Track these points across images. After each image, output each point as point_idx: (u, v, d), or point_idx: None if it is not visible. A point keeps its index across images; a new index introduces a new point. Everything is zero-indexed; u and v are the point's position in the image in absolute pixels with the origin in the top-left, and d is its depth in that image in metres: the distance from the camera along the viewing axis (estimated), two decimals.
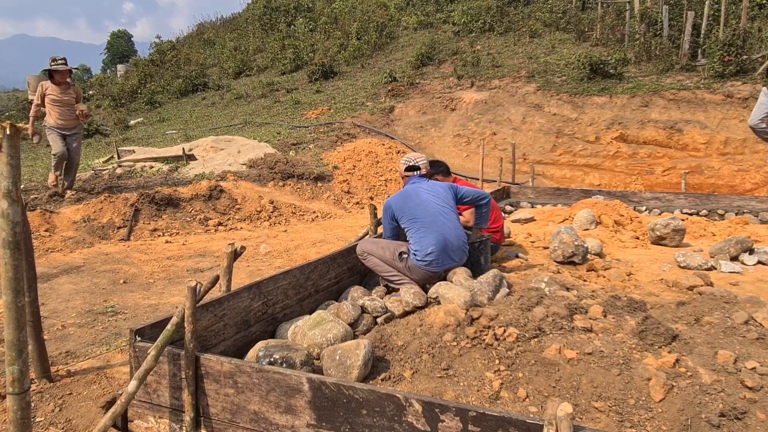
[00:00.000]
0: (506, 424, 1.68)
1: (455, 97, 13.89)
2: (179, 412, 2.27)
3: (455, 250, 3.57)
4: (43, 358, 2.69)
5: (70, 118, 7.08)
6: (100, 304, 4.05)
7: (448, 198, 3.77)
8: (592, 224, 5.96)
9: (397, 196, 3.81)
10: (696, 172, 10.56)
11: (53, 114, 6.96)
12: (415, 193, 3.74)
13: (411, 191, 3.77)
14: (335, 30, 21.79)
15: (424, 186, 3.81)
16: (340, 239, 6.33)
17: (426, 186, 3.82)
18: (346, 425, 1.95)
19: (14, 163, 1.75)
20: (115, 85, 23.64)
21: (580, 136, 11.84)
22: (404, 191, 3.82)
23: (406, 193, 3.78)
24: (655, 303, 3.33)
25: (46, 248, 5.80)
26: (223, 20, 30.67)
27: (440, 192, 3.78)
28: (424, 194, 3.72)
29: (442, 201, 3.71)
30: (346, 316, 3.01)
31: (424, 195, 3.71)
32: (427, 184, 3.86)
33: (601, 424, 2.15)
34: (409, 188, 3.81)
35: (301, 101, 15.43)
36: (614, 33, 15.77)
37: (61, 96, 6.98)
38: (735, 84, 11.43)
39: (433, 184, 3.88)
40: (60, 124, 6.99)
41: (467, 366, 2.54)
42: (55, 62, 6.95)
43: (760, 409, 2.13)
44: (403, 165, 3.99)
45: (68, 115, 7.04)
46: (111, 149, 11.91)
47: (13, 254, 1.78)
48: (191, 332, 2.18)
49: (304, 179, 9.44)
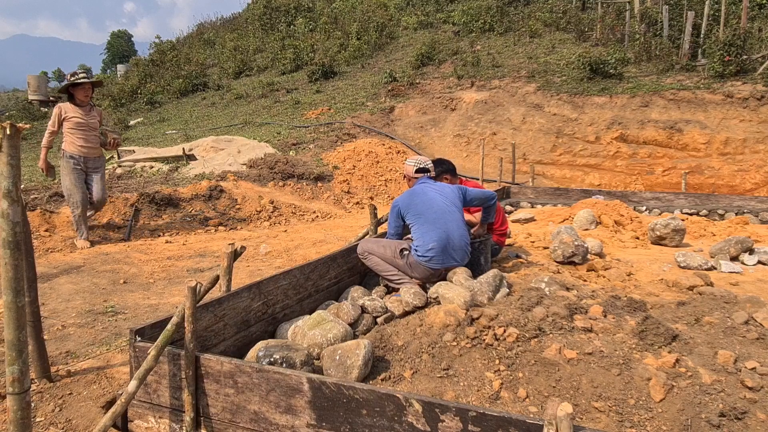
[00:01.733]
0: (506, 424, 1.68)
1: (455, 97, 13.89)
2: (179, 412, 2.27)
3: (457, 249, 3.57)
4: (43, 358, 2.69)
5: (96, 144, 5.89)
6: (100, 304, 4.05)
7: (455, 198, 3.82)
8: (592, 224, 5.96)
9: (405, 194, 3.85)
10: (696, 172, 10.56)
11: (75, 140, 5.72)
12: (423, 191, 3.79)
13: (419, 190, 3.82)
14: (335, 30, 21.79)
15: (432, 186, 3.86)
16: (340, 239, 6.33)
17: (434, 186, 3.87)
18: (346, 425, 1.95)
19: (14, 163, 1.75)
20: (115, 85, 23.64)
21: (580, 136, 11.84)
22: (412, 190, 3.85)
23: (413, 192, 3.82)
24: (655, 303, 3.33)
25: (46, 248, 5.80)
26: (223, 20, 30.69)
27: (448, 192, 3.83)
28: (432, 193, 3.77)
29: (449, 201, 3.75)
30: (346, 316, 3.01)
31: (431, 193, 3.76)
32: (436, 184, 3.91)
33: (601, 424, 2.15)
34: (417, 188, 3.85)
35: (301, 101, 15.43)
36: (614, 33, 15.78)
37: (87, 118, 5.74)
38: (735, 84, 11.43)
39: (442, 184, 3.93)
40: (83, 151, 5.76)
41: (467, 366, 2.54)
42: (76, 76, 5.71)
43: (760, 409, 2.13)
44: (412, 167, 3.98)
45: (94, 141, 5.85)
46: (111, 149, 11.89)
47: (13, 254, 1.78)
48: (191, 332, 2.18)
49: (304, 179, 9.44)
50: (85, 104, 5.75)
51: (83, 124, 5.68)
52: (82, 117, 5.68)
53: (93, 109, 5.88)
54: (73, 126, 5.66)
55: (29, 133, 17.41)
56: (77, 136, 5.70)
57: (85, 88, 5.67)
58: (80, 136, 5.71)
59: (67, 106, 5.72)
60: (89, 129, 5.75)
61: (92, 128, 5.79)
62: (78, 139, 5.71)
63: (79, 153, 5.74)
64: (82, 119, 5.67)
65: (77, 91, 5.65)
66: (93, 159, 5.90)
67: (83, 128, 5.70)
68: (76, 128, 5.68)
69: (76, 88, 5.64)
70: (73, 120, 5.64)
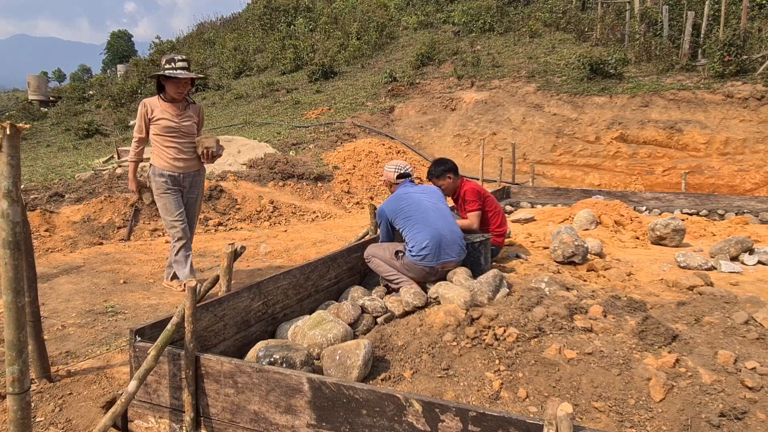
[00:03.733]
0: (506, 424, 1.68)
1: (455, 97, 13.89)
2: (179, 412, 2.27)
3: (451, 244, 3.59)
4: (43, 358, 2.69)
5: (192, 155, 4.24)
6: (100, 304, 4.05)
7: (440, 196, 3.94)
8: (592, 224, 5.96)
9: (390, 200, 3.89)
10: (696, 172, 10.56)
11: (164, 151, 4.15)
12: (407, 194, 3.83)
13: (402, 193, 3.86)
14: (335, 30, 21.80)
15: (415, 188, 3.92)
16: (340, 239, 6.33)
17: (417, 188, 3.94)
18: (346, 425, 1.95)
19: (14, 163, 1.75)
20: (115, 85, 23.67)
21: (580, 136, 11.84)
22: (396, 195, 3.89)
23: (397, 196, 3.86)
24: (655, 303, 3.33)
25: (46, 248, 5.80)
26: (223, 20, 30.71)
27: (431, 191, 3.93)
28: (416, 194, 3.82)
29: (435, 199, 3.83)
30: (346, 316, 3.01)
31: (416, 195, 3.81)
32: (418, 186, 3.98)
33: (601, 424, 2.15)
34: (401, 192, 3.89)
35: (301, 101, 15.44)
36: (614, 33, 15.78)
37: (180, 120, 4.15)
38: (735, 84, 11.43)
39: (424, 186, 4.03)
40: (178, 166, 4.16)
41: (467, 366, 2.54)
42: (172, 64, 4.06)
43: (760, 409, 2.13)
44: (393, 172, 4.00)
45: (189, 151, 4.22)
46: (111, 149, 11.91)
47: (13, 254, 1.78)
48: (191, 332, 2.18)
49: (304, 179, 9.44)
50: (180, 99, 4.19)
51: (174, 128, 4.12)
52: (174, 118, 4.12)
53: (189, 108, 4.26)
54: (162, 131, 4.10)
55: (29, 133, 17.40)
56: (167, 145, 4.13)
57: (182, 82, 4.09)
58: (171, 144, 4.13)
59: (154, 101, 4.16)
60: (183, 135, 4.17)
61: (186, 134, 4.19)
62: (168, 149, 4.13)
63: (172, 169, 4.14)
64: (173, 122, 4.11)
65: (169, 84, 4.09)
66: (191, 175, 4.25)
67: (174, 134, 4.13)
68: (165, 134, 4.11)
69: (168, 81, 4.08)
70: (161, 123, 4.09)
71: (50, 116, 21.14)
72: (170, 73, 4.01)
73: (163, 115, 4.11)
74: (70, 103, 23.05)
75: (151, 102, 4.15)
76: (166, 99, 4.16)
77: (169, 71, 4.02)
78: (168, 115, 4.12)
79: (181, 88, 4.12)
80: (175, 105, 4.17)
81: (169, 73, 4.00)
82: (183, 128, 4.16)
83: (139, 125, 4.16)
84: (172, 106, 4.15)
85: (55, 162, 11.11)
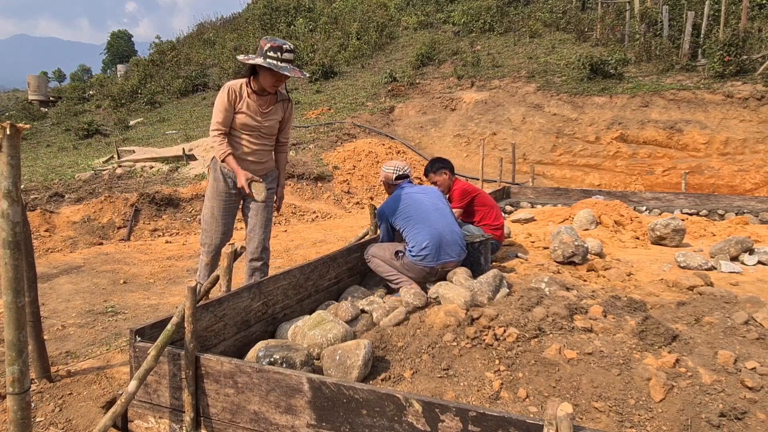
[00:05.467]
0: (506, 424, 1.68)
1: (455, 97, 13.89)
2: (179, 412, 2.27)
3: (451, 244, 3.58)
4: (43, 358, 2.69)
5: (266, 158, 3.56)
6: (100, 304, 4.05)
7: (440, 196, 3.92)
8: (592, 224, 5.96)
9: (389, 201, 3.87)
10: (696, 172, 10.56)
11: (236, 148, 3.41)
12: (407, 194, 3.82)
13: (401, 194, 3.84)
14: (335, 30, 21.80)
15: (414, 188, 3.91)
16: (340, 239, 6.33)
17: (417, 188, 3.93)
18: (346, 425, 1.95)
19: (14, 163, 1.75)
20: (115, 85, 23.67)
21: (580, 136, 11.84)
22: (395, 195, 3.87)
23: (397, 197, 3.84)
24: (655, 303, 3.33)
25: (46, 248, 5.80)
26: (223, 20, 30.71)
27: (431, 191, 3.91)
28: (416, 195, 3.81)
29: (434, 199, 3.82)
30: (345, 316, 3.01)
31: (415, 195, 3.80)
32: (418, 186, 3.97)
33: (601, 424, 2.15)
34: (401, 192, 3.88)
35: (301, 101, 15.43)
36: (614, 33, 15.78)
37: (263, 119, 3.42)
38: (735, 84, 11.43)
39: (423, 186, 4.02)
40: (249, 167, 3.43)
41: (467, 366, 2.54)
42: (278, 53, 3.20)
43: (760, 409, 2.13)
44: (392, 173, 3.97)
45: (265, 153, 3.54)
46: (111, 149, 11.91)
47: (13, 254, 1.78)
48: (191, 332, 2.18)
49: (304, 179, 9.44)
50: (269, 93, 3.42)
51: (254, 128, 3.40)
52: (256, 116, 3.38)
53: (278, 103, 3.51)
54: (237, 126, 3.39)
55: (29, 133, 17.39)
56: (244, 142, 3.41)
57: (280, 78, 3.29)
58: (249, 142, 3.42)
59: (240, 88, 3.36)
60: (261, 136, 3.46)
61: (266, 135, 3.49)
62: (244, 146, 3.42)
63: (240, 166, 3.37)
64: (255, 120, 3.38)
65: (265, 74, 3.28)
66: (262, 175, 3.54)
67: (251, 133, 3.41)
68: (241, 130, 3.40)
69: (265, 70, 3.26)
70: (239, 117, 3.36)
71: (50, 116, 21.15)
72: (272, 65, 3.17)
73: (246, 109, 3.35)
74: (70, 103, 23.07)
75: (237, 88, 3.34)
76: (254, 89, 3.36)
77: (271, 62, 3.18)
78: (251, 110, 3.36)
79: (279, 82, 3.34)
80: (264, 98, 3.40)
81: (269, 64, 3.17)
82: (264, 129, 3.43)
83: (224, 117, 3.32)
84: (260, 98, 3.38)
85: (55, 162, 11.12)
